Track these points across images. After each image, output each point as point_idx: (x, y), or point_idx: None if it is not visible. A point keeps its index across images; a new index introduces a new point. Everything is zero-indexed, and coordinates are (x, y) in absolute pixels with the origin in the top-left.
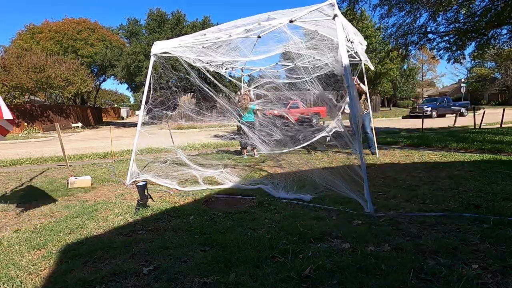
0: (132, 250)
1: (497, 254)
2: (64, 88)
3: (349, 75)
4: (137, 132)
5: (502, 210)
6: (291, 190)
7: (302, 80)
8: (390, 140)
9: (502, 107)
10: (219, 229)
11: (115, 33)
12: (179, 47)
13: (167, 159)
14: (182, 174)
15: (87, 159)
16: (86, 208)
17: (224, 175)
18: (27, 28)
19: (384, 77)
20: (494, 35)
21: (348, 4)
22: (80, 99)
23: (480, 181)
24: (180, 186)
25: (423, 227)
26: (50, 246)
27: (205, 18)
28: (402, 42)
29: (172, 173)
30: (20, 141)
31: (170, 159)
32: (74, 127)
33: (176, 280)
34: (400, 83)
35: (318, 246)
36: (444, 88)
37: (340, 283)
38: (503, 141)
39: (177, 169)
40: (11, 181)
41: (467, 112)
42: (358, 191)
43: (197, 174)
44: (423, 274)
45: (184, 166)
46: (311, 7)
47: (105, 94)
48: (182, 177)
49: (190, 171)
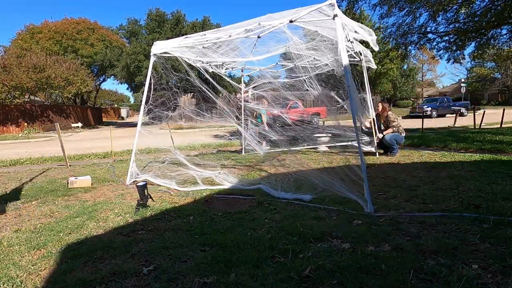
0: (132, 250)
1: (497, 254)
2: (64, 88)
3: (349, 75)
4: (136, 132)
5: (502, 210)
6: (290, 191)
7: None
8: None
9: (502, 107)
10: (219, 229)
11: (115, 33)
12: (179, 47)
13: (165, 159)
14: (181, 174)
15: (87, 159)
16: (86, 208)
17: (222, 176)
18: (27, 28)
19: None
20: (494, 35)
21: (348, 4)
22: (80, 99)
23: (480, 181)
24: (180, 187)
25: (423, 227)
26: (50, 246)
27: (205, 18)
28: (402, 42)
29: (171, 173)
30: (20, 141)
31: (168, 159)
32: (74, 127)
33: (176, 280)
34: (400, 83)
35: (318, 246)
36: (444, 88)
37: (340, 283)
38: (503, 141)
39: (176, 169)
40: (11, 181)
41: (467, 112)
42: (358, 191)
43: (195, 174)
44: (423, 274)
45: (183, 167)
46: (311, 7)
47: (105, 94)
48: (182, 178)
49: (188, 171)
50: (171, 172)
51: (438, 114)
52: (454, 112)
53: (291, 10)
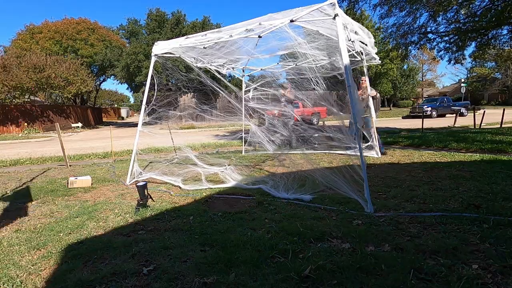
0: (132, 250)
1: (497, 254)
2: (64, 88)
3: (349, 75)
4: (137, 132)
5: (502, 210)
6: (291, 190)
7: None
8: (390, 140)
9: (502, 107)
10: (219, 229)
11: (115, 33)
12: (180, 47)
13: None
14: (185, 172)
15: (87, 159)
16: (86, 208)
17: (228, 171)
18: (27, 28)
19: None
20: (494, 35)
21: (348, 4)
22: (80, 99)
23: (480, 181)
24: (182, 184)
25: (423, 227)
26: (50, 246)
27: (205, 18)
28: (402, 42)
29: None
30: (20, 141)
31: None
32: (74, 127)
33: (176, 280)
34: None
35: (318, 246)
36: (444, 88)
37: (340, 283)
38: (503, 141)
39: (180, 167)
40: (11, 181)
41: (467, 112)
42: (358, 191)
43: (201, 171)
44: (423, 274)
45: (188, 164)
46: (312, 6)
47: (105, 94)
48: (185, 175)
49: (194, 168)
50: (179, 170)
51: (438, 114)
52: (454, 112)
53: (292, 10)
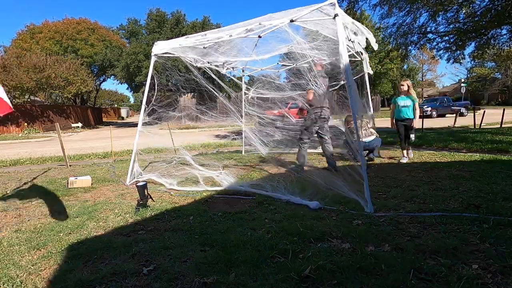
0: (132, 250)
1: (497, 254)
2: (64, 88)
3: (349, 75)
4: (137, 132)
5: (502, 210)
6: (291, 192)
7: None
8: (390, 140)
9: (502, 107)
10: (219, 229)
11: (115, 33)
12: (180, 47)
13: (174, 159)
14: (185, 174)
15: (87, 159)
16: (86, 208)
17: (223, 176)
18: (27, 28)
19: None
20: (494, 35)
21: (348, 4)
22: (80, 99)
23: (480, 181)
24: (180, 186)
25: (423, 227)
26: (50, 246)
27: (205, 18)
28: (402, 42)
29: (177, 173)
30: (20, 141)
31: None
32: (74, 127)
33: (176, 280)
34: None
35: (318, 246)
36: (444, 88)
37: (340, 283)
38: (503, 141)
39: (179, 169)
40: (11, 181)
41: (467, 112)
42: (358, 191)
43: (198, 174)
44: (423, 274)
45: (187, 166)
46: (312, 6)
47: (105, 94)
48: (185, 177)
49: (191, 170)
50: (176, 172)
51: (438, 114)
52: (454, 112)
53: (291, 10)
